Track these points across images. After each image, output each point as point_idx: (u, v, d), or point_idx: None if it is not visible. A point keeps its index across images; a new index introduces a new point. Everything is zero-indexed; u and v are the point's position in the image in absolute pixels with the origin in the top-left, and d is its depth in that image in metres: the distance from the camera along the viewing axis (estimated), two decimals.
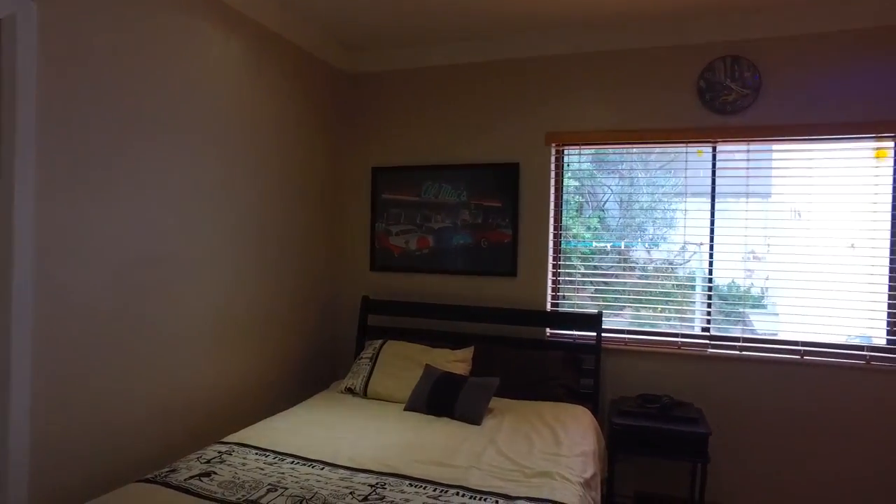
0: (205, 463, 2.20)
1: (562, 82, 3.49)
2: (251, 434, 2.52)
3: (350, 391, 3.23)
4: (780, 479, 3.13)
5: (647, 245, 3.51)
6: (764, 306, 3.36)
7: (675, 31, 3.25)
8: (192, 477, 2.06)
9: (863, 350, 3.05)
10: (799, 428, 3.10)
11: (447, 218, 3.69)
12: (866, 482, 3.01)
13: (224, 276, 2.90)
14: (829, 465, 3.06)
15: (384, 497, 1.97)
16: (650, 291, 3.46)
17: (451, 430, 2.66)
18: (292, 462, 2.24)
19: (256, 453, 2.31)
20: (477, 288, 3.64)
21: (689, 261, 3.39)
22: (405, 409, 2.95)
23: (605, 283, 3.54)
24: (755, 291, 3.34)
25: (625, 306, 3.51)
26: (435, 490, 2.04)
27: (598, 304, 3.50)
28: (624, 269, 3.53)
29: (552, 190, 3.53)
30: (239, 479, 2.07)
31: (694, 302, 3.39)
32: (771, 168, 3.26)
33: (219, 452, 2.30)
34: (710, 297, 3.32)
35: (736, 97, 3.18)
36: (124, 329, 2.36)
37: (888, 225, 3.04)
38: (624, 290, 3.51)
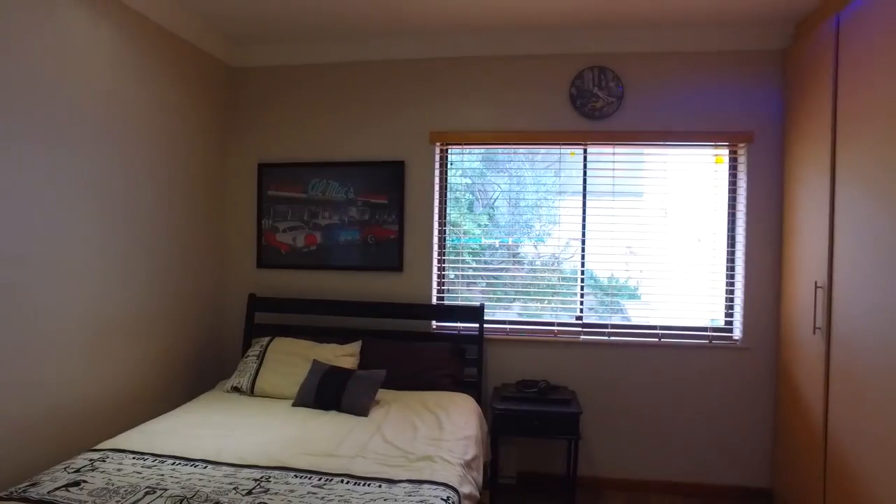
0: (73, 472, 2.09)
1: (445, 84, 3.64)
2: (128, 439, 2.42)
3: (236, 390, 3.18)
4: (640, 448, 3.49)
5: (533, 241, 3.73)
6: (636, 296, 3.69)
7: (548, 41, 3.49)
8: (57, 488, 1.96)
9: (706, 331, 3.48)
10: (655, 401, 3.48)
11: (334, 214, 3.72)
12: (710, 439, 3.44)
13: (97, 277, 2.74)
14: (679, 432, 3.46)
15: (268, 490, 1.99)
16: (536, 285, 3.69)
17: (339, 422, 2.71)
18: (173, 463, 2.19)
19: (134, 457, 2.24)
20: (364, 283, 3.71)
21: (571, 256, 3.65)
22: (293, 405, 2.96)
23: (495, 278, 3.73)
24: (625, 283, 3.68)
25: (515, 299, 3.72)
26: (320, 479, 2.09)
27: (489, 298, 3.69)
28: (513, 264, 3.73)
29: (437, 187, 3.67)
30: (113, 485, 2.00)
31: (575, 294, 3.65)
32: (632, 169, 3.59)
33: (90, 460, 2.20)
34: (582, 289, 3.61)
35: (603, 104, 3.48)
36: None
37: (725, 222, 3.49)
38: (513, 284, 3.71)
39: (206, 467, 2.17)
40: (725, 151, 3.48)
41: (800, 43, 3.13)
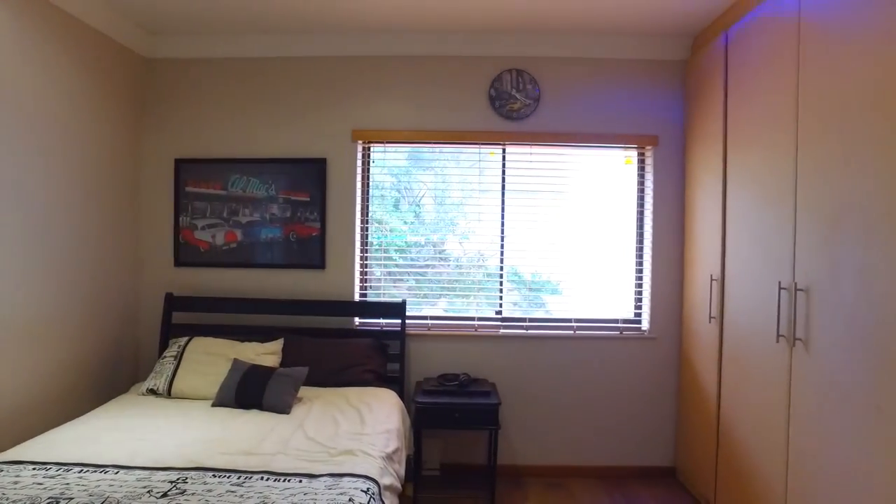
0: None
1: (367, 82, 3.66)
2: (27, 449, 2.29)
3: (152, 392, 3.08)
4: (556, 436, 3.67)
5: (458, 238, 3.82)
6: (557, 291, 3.84)
7: (469, 43, 3.59)
8: None
9: (618, 323, 3.70)
10: (570, 390, 3.66)
11: (255, 212, 3.66)
12: (620, 424, 3.67)
13: None
14: (592, 418, 3.66)
15: (185, 491, 1.96)
16: (462, 281, 3.78)
17: (260, 420, 2.69)
18: (80, 471, 2.10)
19: (34, 468, 2.11)
20: (286, 281, 3.68)
21: (494, 255, 3.76)
22: (213, 405, 2.91)
23: (421, 275, 3.79)
24: (543, 278, 3.83)
25: (441, 295, 3.79)
26: (239, 478, 2.08)
27: (415, 295, 3.75)
28: (439, 261, 3.81)
29: (359, 185, 3.69)
30: (8, 499, 1.87)
31: (500, 290, 3.75)
32: (549, 169, 3.74)
33: None
34: (501, 284, 3.73)
35: (520, 106, 3.62)
36: None
37: (634, 219, 3.72)
38: (439, 281, 3.79)
39: (117, 472, 2.10)
40: (634, 153, 3.71)
41: (697, 55, 3.39)
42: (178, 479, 2.06)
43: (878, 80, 1.89)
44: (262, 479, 2.08)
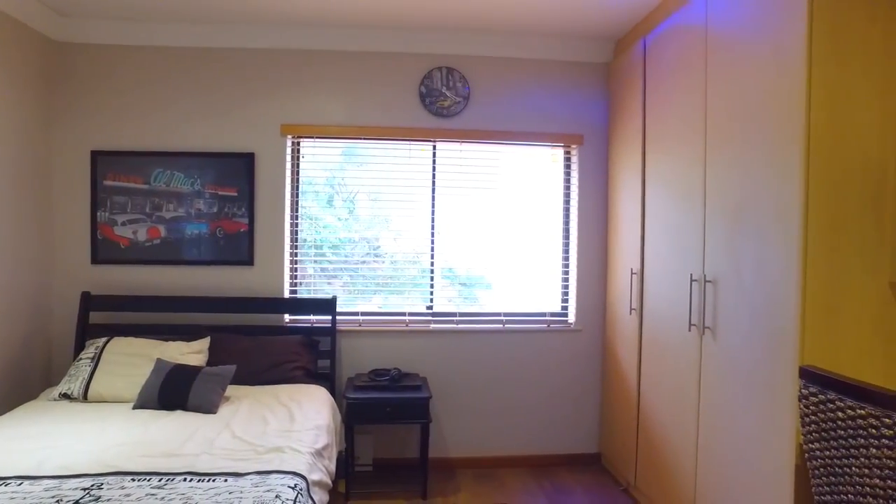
0: None
1: (296, 76, 3.61)
2: None
3: (66, 397, 2.93)
4: (486, 427, 3.75)
5: (393, 235, 3.81)
6: (488, 286, 3.91)
7: (399, 39, 3.61)
8: None
9: (545, 316, 3.82)
10: (499, 382, 3.75)
11: (180, 207, 3.54)
12: (548, 414, 3.79)
13: None
14: (521, 409, 3.77)
15: (100, 497, 1.88)
16: (397, 277, 3.79)
17: (184, 421, 2.61)
18: None
19: None
20: (213, 278, 3.58)
21: (425, 251, 3.78)
22: (134, 408, 2.80)
23: (355, 271, 3.78)
24: (474, 273, 3.90)
25: (376, 292, 3.79)
26: (160, 480, 2.01)
27: (349, 291, 3.73)
28: (374, 258, 3.80)
29: (289, 180, 3.64)
30: None
31: (431, 285, 3.79)
32: (478, 166, 3.81)
33: None
34: (432, 279, 3.77)
35: (451, 103, 3.67)
36: None
37: (561, 216, 3.85)
38: (374, 278, 3.79)
39: (20, 484, 1.96)
40: (561, 152, 3.84)
41: (619, 59, 3.55)
42: (92, 485, 1.97)
43: (768, 87, 2.05)
44: (185, 480, 2.03)
